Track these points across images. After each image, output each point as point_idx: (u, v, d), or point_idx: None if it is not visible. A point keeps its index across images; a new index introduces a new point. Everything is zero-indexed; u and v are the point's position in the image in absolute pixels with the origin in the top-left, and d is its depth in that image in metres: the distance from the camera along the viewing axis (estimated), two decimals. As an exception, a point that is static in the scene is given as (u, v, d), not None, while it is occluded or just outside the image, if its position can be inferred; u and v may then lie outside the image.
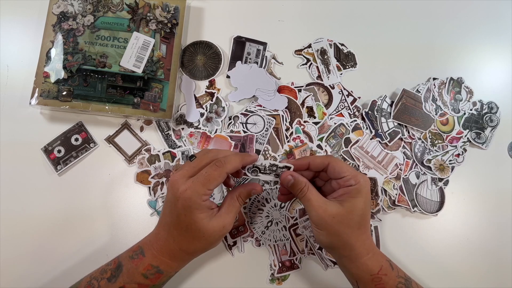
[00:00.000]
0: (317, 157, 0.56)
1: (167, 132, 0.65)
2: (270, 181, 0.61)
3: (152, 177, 0.63)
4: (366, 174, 0.62)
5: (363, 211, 0.51)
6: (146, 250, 0.51)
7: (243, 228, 0.64)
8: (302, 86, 0.69)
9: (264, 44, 0.69)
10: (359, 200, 0.51)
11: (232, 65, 0.68)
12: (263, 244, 0.64)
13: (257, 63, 0.68)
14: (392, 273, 0.52)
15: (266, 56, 0.69)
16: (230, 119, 0.66)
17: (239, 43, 0.69)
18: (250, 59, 0.68)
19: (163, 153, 0.64)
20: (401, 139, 0.68)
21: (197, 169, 0.50)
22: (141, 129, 0.66)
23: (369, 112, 0.68)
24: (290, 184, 0.53)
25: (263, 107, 0.66)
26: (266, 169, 0.56)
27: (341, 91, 0.69)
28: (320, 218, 0.50)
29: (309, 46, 0.71)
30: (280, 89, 0.68)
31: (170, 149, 0.64)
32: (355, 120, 0.68)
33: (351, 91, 0.69)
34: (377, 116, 0.68)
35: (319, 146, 0.67)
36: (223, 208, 0.53)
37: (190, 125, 0.66)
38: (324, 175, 0.56)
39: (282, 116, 0.67)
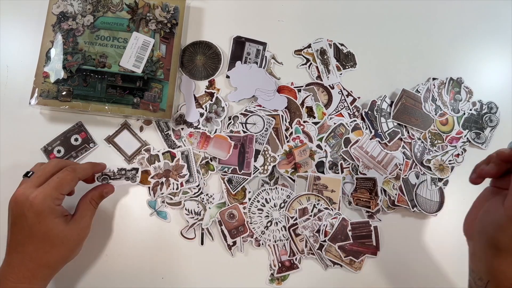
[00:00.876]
0: None
1: (166, 132, 0.65)
2: (124, 185, 0.62)
3: (151, 177, 0.63)
4: None
5: None
6: (1, 283, 0.47)
7: (242, 228, 0.64)
8: (301, 86, 0.69)
9: (263, 44, 0.69)
10: None
11: (231, 65, 0.68)
12: (262, 244, 0.64)
13: (256, 63, 0.68)
14: None
15: (266, 56, 0.69)
16: (229, 119, 0.66)
17: (239, 43, 0.69)
18: (249, 59, 0.68)
19: (163, 153, 0.64)
20: (400, 139, 0.68)
21: (42, 179, 0.50)
22: (141, 129, 0.66)
23: (369, 112, 0.68)
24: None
25: (263, 107, 0.66)
26: (115, 175, 0.60)
27: (341, 91, 0.69)
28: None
29: (309, 46, 0.71)
30: (280, 89, 0.68)
31: (170, 149, 0.64)
32: (355, 120, 0.68)
33: (351, 91, 0.69)
34: (377, 116, 0.68)
35: (318, 146, 0.67)
36: (77, 213, 0.53)
37: (190, 125, 0.66)
38: None
39: (282, 116, 0.66)
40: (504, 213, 0.45)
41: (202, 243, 0.64)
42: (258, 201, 0.65)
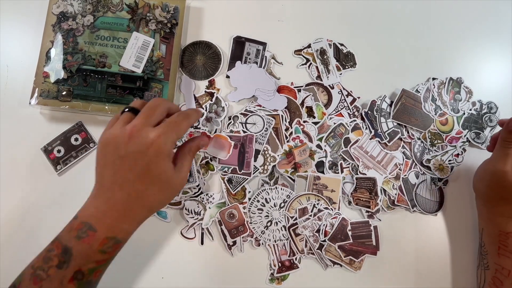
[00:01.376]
0: None
1: (166, 132, 0.65)
2: None
3: None
4: None
5: None
6: (95, 223, 0.46)
7: (242, 228, 0.64)
8: (301, 86, 0.69)
9: (263, 44, 0.69)
10: None
11: (231, 65, 0.68)
12: (262, 244, 0.64)
13: (256, 63, 0.68)
14: None
15: (266, 56, 0.69)
16: (229, 119, 0.66)
17: (239, 43, 0.69)
18: (249, 59, 0.68)
19: None
20: (400, 139, 0.68)
21: (155, 119, 0.47)
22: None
23: (369, 112, 0.68)
24: (511, 130, 0.55)
25: (263, 107, 0.67)
26: None
27: (341, 91, 0.69)
28: (501, 171, 0.55)
29: (309, 46, 0.71)
30: (280, 89, 0.68)
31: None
32: (355, 120, 0.68)
33: (351, 91, 0.69)
34: (377, 116, 0.68)
35: (318, 146, 0.67)
36: (178, 163, 0.51)
37: (190, 125, 0.66)
38: None
39: (282, 116, 0.67)
40: (483, 166, 0.58)
41: (202, 243, 0.64)
42: (258, 201, 0.65)
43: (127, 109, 0.49)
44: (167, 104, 0.50)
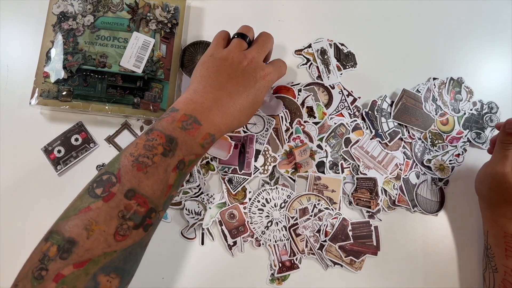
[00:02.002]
0: None
1: (167, 132, 0.65)
2: None
3: None
4: None
5: None
6: (201, 118, 0.49)
7: (243, 228, 0.64)
8: (299, 84, 0.69)
9: None
10: None
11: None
12: (263, 244, 0.64)
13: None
14: None
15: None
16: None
17: None
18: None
19: None
20: (401, 139, 0.68)
21: (264, 53, 0.57)
22: (141, 129, 0.66)
23: (369, 112, 0.68)
24: (510, 132, 0.56)
25: (259, 111, 0.67)
26: None
27: (341, 91, 0.69)
28: (500, 174, 0.55)
29: (309, 46, 0.71)
30: (278, 89, 0.68)
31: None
32: (355, 120, 0.68)
33: (351, 91, 0.69)
34: (377, 116, 0.68)
35: (319, 146, 0.67)
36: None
37: (190, 125, 0.66)
38: None
39: (282, 117, 0.66)
40: (484, 169, 0.58)
41: (202, 243, 0.64)
42: (259, 201, 0.65)
43: (239, 35, 0.58)
44: (272, 39, 0.59)
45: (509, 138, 0.55)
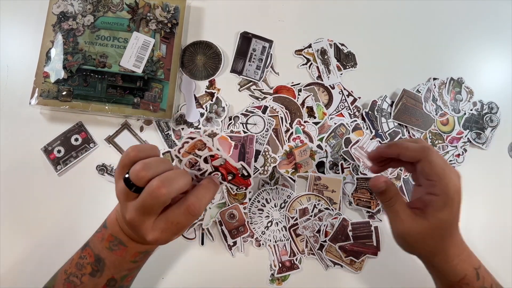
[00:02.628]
0: (409, 147, 0.47)
1: (167, 132, 0.65)
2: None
3: None
4: (458, 174, 0.47)
5: (451, 223, 0.47)
6: (126, 241, 0.46)
7: (243, 228, 0.64)
8: (299, 84, 0.68)
9: (270, 41, 0.69)
10: (445, 213, 0.45)
11: (236, 60, 0.68)
12: (263, 244, 0.64)
13: (261, 60, 0.68)
14: (475, 283, 0.49)
15: (271, 54, 0.69)
16: (230, 119, 0.66)
17: (245, 39, 0.69)
18: (255, 55, 0.68)
19: (163, 153, 0.64)
20: (401, 139, 0.68)
21: (152, 216, 0.41)
22: (141, 129, 0.66)
23: (369, 112, 0.68)
24: (380, 191, 0.48)
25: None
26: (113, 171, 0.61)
27: (341, 91, 0.69)
28: (404, 234, 0.48)
29: (309, 46, 0.70)
30: (278, 89, 0.68)
31: (170, 149, 0.64)
32: (355, 120, 0.68)
33: (351, 91, 0.69)
34: (377, 116, 0.68)
35: (319, 146, 0.67)
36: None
37: (190, 125, 0.66)
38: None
39: (282, 118, 0.66)
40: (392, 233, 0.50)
41: (202, 243, 0.64)
42: (259, 201, 0.65)
43: (125, 180, 0.41)
44: (172, 189, 0.39)
45: (383, 197, 0.48)
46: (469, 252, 0.50)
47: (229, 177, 0.45)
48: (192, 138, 0.44)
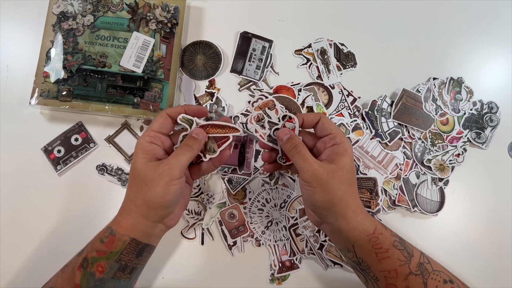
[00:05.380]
0: (309, 114, 0.56)
1: (167, 132, 0.65)
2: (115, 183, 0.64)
3: None
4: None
5: (352, 168, 0.51)
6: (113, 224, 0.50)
7: (243, 228, 0.64)
8: (299, 84, 0.68)
9: (270, 41, 0.69)
10: (346, 158, 0.50)
11: (236, 60, 0.68)
12: (263, 244, 0.64)
13: (261, 59, 0.68)
14: (386, 232, 0.51)
15: (271, 54, 0.69)
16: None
17: (245, 39, 0.69)
18: (255, 55, 0.68)
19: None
20: (401, 139, 0.68)
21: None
22: (141, 129, 0.66)
23: (369, 112, 0.68)
24: (286, 139, 0.52)
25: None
26: (113, 170, 0.63)
27: (341, 91, 0.69)
28: (315, 174, 0.49)
29: (309, 46, 0.71)
30: (278, 89, 0.68)
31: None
32: (355, 120, 0.68)
33: (351, 91, 0.69)
34: (377, 116, 0.68)
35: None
36: (171, 154, 0.51)
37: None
38: (312, 139, 0.55)
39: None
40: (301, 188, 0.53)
41: (202, 243, 0.64)
42: (259, 201, 0.65)
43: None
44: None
45: (289, 144, 0.52)
46: (366, 210, 0.53)
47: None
48: (266, 97, 0.54)
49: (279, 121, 0.55)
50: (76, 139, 0.64)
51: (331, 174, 0.49)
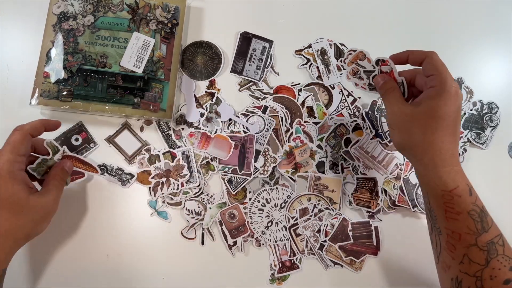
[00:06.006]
0: (416, 50, 0.54)
1: (167, 132, 0.65)
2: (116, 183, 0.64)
3: (152, 177, 0.63)
4: (457, 84, 0.51)
5: (441, 113, 0.48)
6: None
7: (243, 228, 0.64)
8: (299, 84, 0.69)
9: (270, 42, 0.69)
10: (436, 101, 0.48)
11: (236, 60, 0.68)
12: (263, 244, 0.64)
13: (261, 60, 0.68)
14: (468, 198, 0.49)
15: (271, 54, 0.69)
16: (230, 119, 0.66)
17: (245, 39, 0.69)
18: (255, 55, 0.68)
19: (163, 153, 0.64)
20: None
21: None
22: (141, 129, 0.66)
23: (369, 112, 0.68)
24: (380, 85, 0.56)
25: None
26: (113, 171, 0.63)
27: (341, 91, 0.69)
28: (393, 115, 0.52)
29: (309, 46, 0.71)
30: (278, 89, 0.68)
31: (170, 149, 0.64)
32: (355, 120, 0.68)
33: (351, 91, 0.69)
34: (377, 116, 0.68)
35: (319, 146, 0.67)
36: (43, 187, 0.52)
37: (190, 125, 0.66)
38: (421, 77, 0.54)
39: (282, 118, 0.66)
40: (389, 118, 0.54)
41: (202, 243, 0.64)
42: (259, 201, 0.65)
43: None
44: (16, 128, 0.51)
45: (381, 89, 0.56)
46: (462, 171, 0.51)
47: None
48: (354, 51, 0.60)
49: (374, 67, 0.58)
50: (77, 139, 0.64)
51: (409, 117, 0.50)
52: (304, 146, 0.66)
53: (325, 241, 0.64)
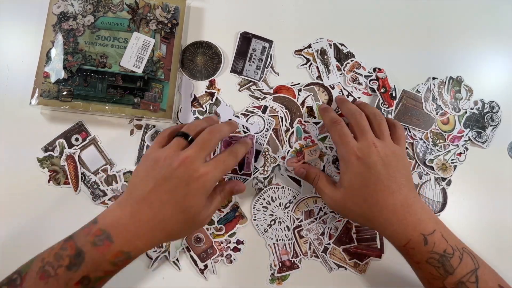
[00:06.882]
0: (325, 117, 0.61)
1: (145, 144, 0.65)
2: None
3: (109, 199, 0.62)
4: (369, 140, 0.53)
5: (364, 184, 0.51)
6: (114, 235, 0.46)
7: (211, 250, 0.63)
8: (299, 84, 0.68)
9: (270, 42, 0.69)
10: (348, 175, 0.52)
11: (236, 60, 0.68)
12: (234, 260, 0.63)
13: (261, 60, 0.68)
14: (422, 248, 0.50)
15: (271, 54, 0.69)
16: (230, 119, 0.66)
17: (245, 39, 0.69)
18: (255, 55, 0.68)
19: (124, 173, 0.64)
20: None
21: (207, 152, 0.50)
22: (131, 132, 0.65)
23: (370, 111, 0.68)
24: (303, 176, 0.60)
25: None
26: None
27: (341, 91, 0.69)
28: (331, 204, 0.56)
29: (309, 46, 0.71)
30: (278, 89, 0.68)
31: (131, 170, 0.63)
32: (356, 120, 0.68)
33: (351, 91, 0.69)
34: (378, 115, 0.68)
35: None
36: (208, 200, 0.51)
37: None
38: None
39: (282, 117, 0.66)
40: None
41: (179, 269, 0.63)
42: (264, 199, 0.64)
43: (180, 134, 0.52)
44: (220, 135, 0.52)
45: (308, 180, 0.61)
46: (419, 218, 0.51)
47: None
48: (351, 60, 0.67)
49: (371, 74, 0.67)
50: (77, 139, 0.64)
51: (342, 201, 0.54)
52: (314, 146, 0.66)
53: (329, 243, 0.63)
